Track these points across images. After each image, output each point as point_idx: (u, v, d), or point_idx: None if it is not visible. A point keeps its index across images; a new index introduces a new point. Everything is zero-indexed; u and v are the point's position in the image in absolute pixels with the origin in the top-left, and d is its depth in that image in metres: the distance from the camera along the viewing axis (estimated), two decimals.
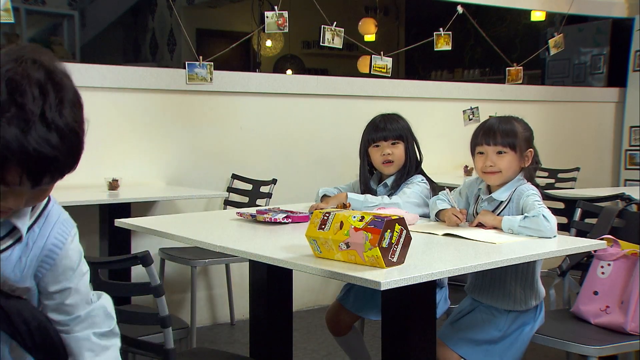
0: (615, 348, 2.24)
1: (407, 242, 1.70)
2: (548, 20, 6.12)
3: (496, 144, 2.22)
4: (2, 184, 1.04)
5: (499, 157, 2.23)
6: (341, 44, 4.49)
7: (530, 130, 2.29)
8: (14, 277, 1.19)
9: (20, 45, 1.09)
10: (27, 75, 1.03)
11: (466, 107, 5.04)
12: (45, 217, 1.22)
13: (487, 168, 2.24)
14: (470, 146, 2.31)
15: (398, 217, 1.70)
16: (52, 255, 1.22)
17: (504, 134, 2.22)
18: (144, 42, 9.48)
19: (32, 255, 1.20)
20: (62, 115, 1.04)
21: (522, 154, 2.23)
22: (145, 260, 1.59)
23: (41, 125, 1.02)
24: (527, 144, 2.24)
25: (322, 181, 3.59)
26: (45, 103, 1.03)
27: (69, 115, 1.06)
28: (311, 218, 1.80)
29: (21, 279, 1.20)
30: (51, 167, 1.06)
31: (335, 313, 2.72)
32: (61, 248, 1.22)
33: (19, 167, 1.02)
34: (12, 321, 1.19)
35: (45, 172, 1.06)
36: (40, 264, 1.21)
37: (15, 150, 1.00)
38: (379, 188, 2.68)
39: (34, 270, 1.21)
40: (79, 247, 1.28)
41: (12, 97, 1.01)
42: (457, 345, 2.19)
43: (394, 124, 2.64)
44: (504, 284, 2.23)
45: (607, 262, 2.39)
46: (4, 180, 1.03)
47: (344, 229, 1.70)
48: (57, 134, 1.04)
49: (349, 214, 1.73)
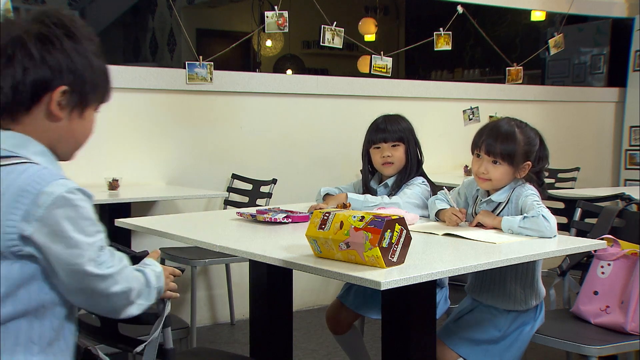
0: (615, 348, 2.24)
1: (407, 242, 1.70)
2: (548, 20, 6.12)
3: (494, 154, 2.22)
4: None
5: (494, 166, 2.23)
6: (341, 43, 4.50)
7: (534, 140, 2.25)
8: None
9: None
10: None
11: (466, 107, 5.04)
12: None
13: (481, 174, 2.25)
14: (472, 144, 2.31)
15: (398, 217, 1.70)
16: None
17: (503, 147, 2.21)
18: (144, 42, 9.49)
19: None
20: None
21: (519, 166, 2.24)
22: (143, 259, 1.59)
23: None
24: (525, 157, 2.23)
25: (322, 181, 3.59)
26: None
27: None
28: (311, 218, 1.80)
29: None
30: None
31: (336, 311, 2.72)
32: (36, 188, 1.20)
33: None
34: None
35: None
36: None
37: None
38: (379, 188, 2.68)
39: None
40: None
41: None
42: (457, 345, 2.19)
43: (396, 125, 2.63)
44: (504, 283, 2.24)
45: (607, 262, 2.39)
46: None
47: (344, 229, 1.70)
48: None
49: (349, 214, 1.73)
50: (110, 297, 1.29)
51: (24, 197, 1.20)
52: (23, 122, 1.28)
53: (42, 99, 1.27)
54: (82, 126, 1.35)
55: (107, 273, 1.26)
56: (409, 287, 1.59)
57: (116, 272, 1.28)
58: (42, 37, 1.26)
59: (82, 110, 1.34)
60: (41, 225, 1.20)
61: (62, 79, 1.27)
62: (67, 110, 1.31)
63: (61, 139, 1.32)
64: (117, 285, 1.28)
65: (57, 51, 1.26)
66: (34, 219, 1.20)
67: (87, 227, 1.24)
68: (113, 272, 1.27)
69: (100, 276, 1.25)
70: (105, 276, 1.26)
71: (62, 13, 1.32)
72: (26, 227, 1.19)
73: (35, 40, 1.26)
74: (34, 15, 1.29)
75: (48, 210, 1.20)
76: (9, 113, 1.28)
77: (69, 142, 1.35)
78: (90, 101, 1.35)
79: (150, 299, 1.40)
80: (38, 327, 1.25)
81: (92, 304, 1.32)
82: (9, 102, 1.26)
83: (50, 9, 1.34)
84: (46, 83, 1.26)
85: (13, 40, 1.25)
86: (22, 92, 1.26)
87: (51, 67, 1.26)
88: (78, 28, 1.30)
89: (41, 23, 1.27)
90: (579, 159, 5.38)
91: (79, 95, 1.31)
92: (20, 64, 1.25)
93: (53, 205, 1.20)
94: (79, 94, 1.31)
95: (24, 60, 1.25)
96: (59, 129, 1.31)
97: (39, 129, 1.29)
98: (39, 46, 1.25)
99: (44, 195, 1.20)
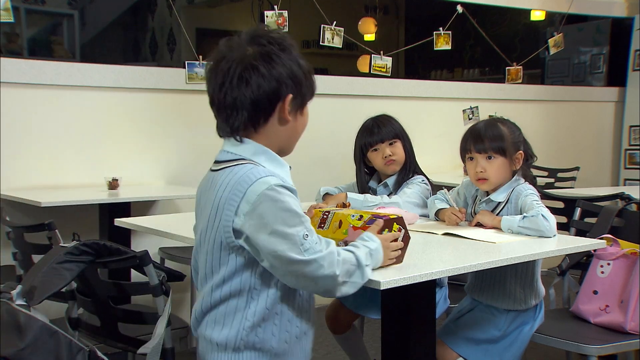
0: (614, 347, 2.24)
1: (406, 242, 1.70)
2: (548, 20, 6.11)
3: (485, 150, 2.23)
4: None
5: (488, 162, 2.23)
6: (341, 43, 4.50)
7: (518, 132, 2.28)
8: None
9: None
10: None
11: (466, 107, 5.04)
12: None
13: (478, 174, 2.25)
14: (460, 152, 2.33)
15: (396, 217, 1.70)
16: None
17: (491, 139, 2.23)
18: (143, 42, 9.47)
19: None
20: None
21: (512, 157, 2.24)
22: (143, 259, 1.59)
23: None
24: (515, 147, 2.24)
25: (321, 181, 3.59)
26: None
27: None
28: (311, 217, 1.80)
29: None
30: None
31: (335, 311, 2.72)
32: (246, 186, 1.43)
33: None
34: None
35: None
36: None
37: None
38: (379, 188, 2.68)
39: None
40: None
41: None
42: (457, 344, 2.19)
43: (388, 124, 2.64)
44: (503, 283, 2.23)
45: (607, 262, 2.40)
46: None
47: (343, 228, 1.70)
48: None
49: (348, 213, 1.74)
50: (317, 280, 1.43)
51: (236, 195, 1.43)
52: (261, 131, 1.51)
53: (276, 108, 1.50)
54: (303, 121, 1.58)
55: (311, 258, 1.41)
56: (409, 286, 1.59)
57: (321, 257, 1.42)
58: (265, 56, 1.47)
59: (302, 108, 1.56)
60: (248, 218, 1.41)
61: (287, 88, 1.49)
62: (293, 113, 1.53)
63: (289, 137, 1.56)
64: (323, 269, 1.42)
65: (278, 65, 1.48)
66: (242, 213, 1.42)
67: (288, 218, 1.41)
68: (317, 257, 1.42)
69: (304, 261, 1.41)
70: (309, 261, 1.41)
71: (270, 30, 1.53)
72: (237, 221, 1.42)
73: (260, 60, 1.46)
74: (246, 38, 1.50)
75: (254, 206, 1.41)
76: (252, 126, 1.50)
77: (294, 138, 1.58)
78: (307, 99, 1.57)
79: (364, 277, 1.50)
80: (254, 306, 1.47)
81: (304, 286, 1.48)
82: (251, 116, 1.48)
83: (257, 29, 1.54)
84: (277, 94, 1.48)
85: (245, 66, 1.46)
86: (262, 105, 1.48)
87: (278, 80, 1.48)
88: (286, 40, 1.52)
89: (258, 44, 1.49)
90: (578, 158, 5.38)
91: (300, 97, 1.54)
92: (256, 83, 1.46)
93: (257, 202, 1.40)
94: (300, 96, 1.53)
95: (258, 79, 1.46)
96: (288, 130, 1.54)
97: (273, 134, 1.52)
98: (265, 65, 1.46)
99: (251, 193, 1.41)
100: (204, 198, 1.53)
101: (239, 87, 1.46)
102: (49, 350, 1.47)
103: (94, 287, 1.71)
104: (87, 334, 1.78)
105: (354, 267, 1.48)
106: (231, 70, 1.46)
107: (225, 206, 1.43)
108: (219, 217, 1.45)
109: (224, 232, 1.44)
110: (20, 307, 1.46)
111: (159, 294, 1.61)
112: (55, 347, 1.48)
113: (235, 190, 1.43)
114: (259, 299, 1.47)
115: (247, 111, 1.48)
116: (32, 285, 1.50)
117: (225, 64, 1.48)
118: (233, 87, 1.46)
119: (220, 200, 1.45)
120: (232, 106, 1.48)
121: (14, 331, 1.44)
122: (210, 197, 1.49)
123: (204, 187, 1.56)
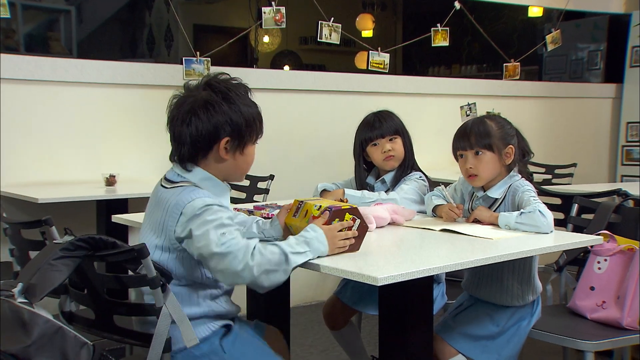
0: (611, 343, 2.25)
1: (362, 231, 1.78)
2: (545, 16, 6.11)
3: (472, 146, 2.24)
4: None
5: (477, 158, 2.25)
6: (338, 39, 4.49)
7: (507, 127, 2.29)
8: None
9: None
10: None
11: (463, 103, 5.03)
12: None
13: (469, 170, 2.26)
14: (452, 150, 2.34)
15: (350, 207, 1.79)
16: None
17: (478, 135, 2.25)
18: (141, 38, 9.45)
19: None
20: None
21: (501, 152, 2.24)
22: (141, 252, 1.59)
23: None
24: (504, 142, 2.25)
25: (319, 177, 3.59)
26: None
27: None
28: (288, 206, 1.91)
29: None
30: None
31: (332, 307, 2.72)
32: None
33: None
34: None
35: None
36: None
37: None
38: (376, 184, 2.68)
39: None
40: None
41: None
42: (455, 340, 2.19)
43: (389, 119, 2.64)
44: (501, 279, 2.24)
45: (604, 258, 2.40)
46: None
47: (307, 217, 1.80)
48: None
49: (313, 203, 1.82)
50: (237, 272, 1.64)
51: (177, 209, 1.71)
52: (202, 164, 1.79)
53: (213, 147, 1.76)
54: (244, 160, 1.83)
55: (227, 251, 1.63)
56: (406, 282, 1.59)
57: (236, 250, 1.63)
58: (207, 104, 1.75)
59: (243, 149, 1.80)
60: (184, 229, 1.69)
61: (225, 132, 1.75)
62: (231, 153, 1.78)
63: (231, 171, 1.82)
64: (237, 260, 1.63)
65: (217, 113, 1.74)
66: (181, 224, 1.69)
67: (214, 229, 1.66)
68: (232, 250, 1.63)
69: (220, 254, 1.64)
70: (225, 254, 1.63)
71: (227, 80, 1.80)
72: (178, 230, 1.70)
73: (202, 108, 1.74)
74: (203, 83, 1.80)
75: (189, 220, 1.68)
76: (191, 159, 1.78)
77: (238, 172, 1.85)
78: (248, 141, 1.81)
79: (289, 263, 1.68)
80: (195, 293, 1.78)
81: (231, 280, 1.70)
82: (191, 151, 1.77)
83: (216, 77, 1.81)
84: (214, 136, 1.75)
85: (188, 111, 1.75)
86: (199, 144, 1.76)
87: (215, 125, 1.74)
88: (234, 91, 1.78)
89: (210, 89, 1.77)
90: (576, 154, 5.39)
91: (238, 140, 1.78)
92: (194, 125, 1.74)
93: (192, 216, 1.68)
94: (238, 139, 1.78)
95: (197, 122, 1.74)
96: (227, 166, 1.80)
97: (213, 168, 1.79)
98: (205, 112, 1.74)
99: (188, 209, 1.69)
100: (153, 208, 1.81)
101: (182, 125, 1.75)
102: (55, 345, 1.48)
103: (91, 280, 1.71)
104: (83, 327, 1.78)
105: (277, 256, 1.66)
106: (180, 109, 1.77)
107: (169, 218, 1.72)
108: (165, 228, 1.74)
109: (170, 239, 1.73)
110: (23, 305, 1.47)
111: (156, 286, 1.61)
112: (61, 342, 1.49)
113: (177, 206, 1.71)
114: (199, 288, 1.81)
115: (188, 146, 1.76)
116: (31, 282, 1.51)
117: (179, 101, 1.78)
118: (178, 124, 1.76)
119: (167, 214, 1.73)
120: (178, 139, 1.77)
121: (19, 328, 1.44)
122: (158, 213, 1.77)
123: (153, 199, 1.83)
